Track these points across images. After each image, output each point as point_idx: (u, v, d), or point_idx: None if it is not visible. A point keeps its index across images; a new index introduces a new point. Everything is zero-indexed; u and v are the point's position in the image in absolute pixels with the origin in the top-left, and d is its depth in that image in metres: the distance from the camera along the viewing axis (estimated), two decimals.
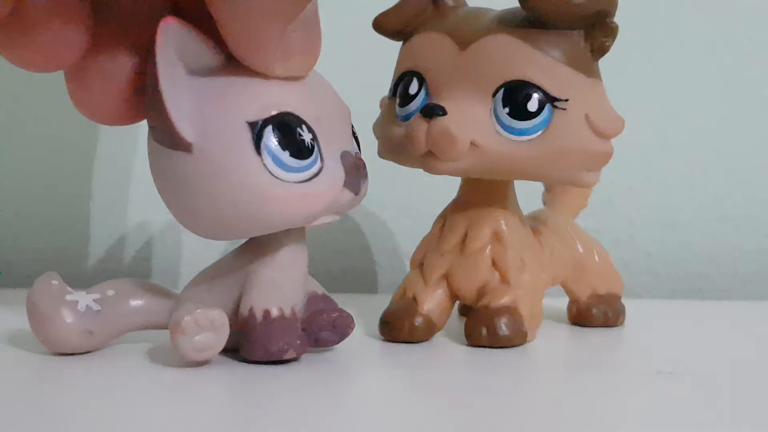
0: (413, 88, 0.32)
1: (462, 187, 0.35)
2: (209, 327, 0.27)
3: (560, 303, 0.39)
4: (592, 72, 0.31)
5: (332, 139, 0.28)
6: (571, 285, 0.38)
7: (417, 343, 0.33)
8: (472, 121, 0.31)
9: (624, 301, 0.39)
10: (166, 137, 0.26)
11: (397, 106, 0.33)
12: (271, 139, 0.26)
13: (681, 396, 0.27)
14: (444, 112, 0.30)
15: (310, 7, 0.26)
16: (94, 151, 0.49)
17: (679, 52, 0.52)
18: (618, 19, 0.31)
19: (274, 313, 0.28)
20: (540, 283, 0.34)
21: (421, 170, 0.32)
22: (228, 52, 0.27)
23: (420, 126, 0.31)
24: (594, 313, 0.37)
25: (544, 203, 0.41)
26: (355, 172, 0.28)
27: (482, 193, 0.33)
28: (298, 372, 0.28)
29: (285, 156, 0.26)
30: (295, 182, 0.27)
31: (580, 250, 0.37)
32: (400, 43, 0.34)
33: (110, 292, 0.30)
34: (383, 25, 0.34)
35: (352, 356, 0.31)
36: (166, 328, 0.29)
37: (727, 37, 0.52)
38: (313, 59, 0.28)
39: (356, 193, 0.28)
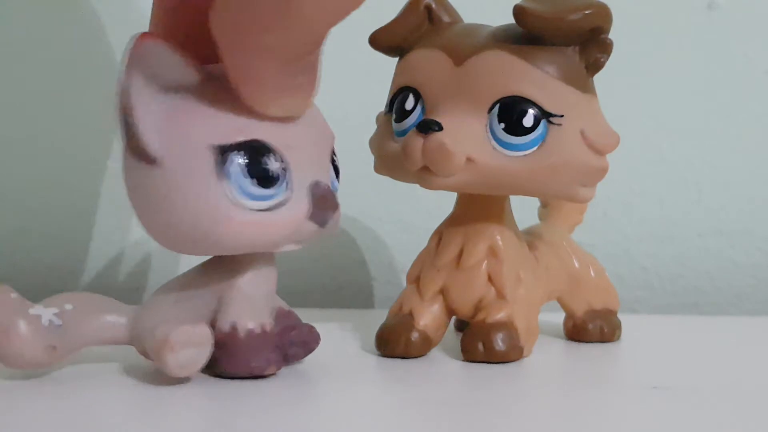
0: (409, 103, 0.32)
1: (458, 202, 0.35)
2: (195, 343, 0.27)
3: (556, 318, 0.39)
4: (587, 88, 0.32)
5: (304, 168, 0.28)
6: (567, 300, 0.38)
7: (413, 358, 0.33)
8: (468, 136, 0.31)
9: (620, 316, 0.39)
10: (134, 148, 0.26)
11: (393, 122, 0.33)
12: (235, 165, 0.26)
13: (677, 411, 0.27)
14: (440, 128, 0.30)
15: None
16: (94, 165, 0.49)
17: (674, 68, 0.52)
18: (613, 35, 0.31)
19: (256, 329, 0.28)
20: (536, 298, 0.34)
21: (418, 185, 0.32)
22: (210, 71, 0.27)
23: (416, 141, 0.31)
24: (590, 328, 0.37)
25: (540, 218, 0.41)
26: (322, 204, 0.28)
27: (478, 208, 0.34)
28: (295, 386, 0.28)
29: (247, 183, 0.26)
30: (256, 210, 0.26)
31: (576, 265, 0.38)
32: (396, 58, 0.34)
33: (68, 306, 0.29)
34: (380, 41, 0.34)
35: (348, 371, 0.31)
36: (122, 343, 0.29)
37: (722, 53, 0.52)
38: (310, 100, 0.28)
39: (321, 226, 0.28)
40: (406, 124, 0.32)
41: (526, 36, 0.31)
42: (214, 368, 0.29)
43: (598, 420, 0.26)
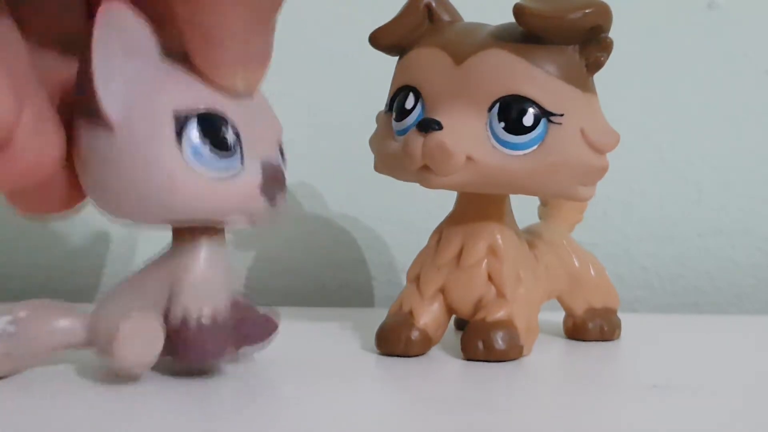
0: (409, 102, 0.32)
1: (458, 201, 0.35)
2: (146, 332, 0.27)
3: (556, 317, 0.39)
4: (587, 87, 0.32)
5: (257, 146, 0.28)
6: (567, 299, 0.38)
7: (413, 356, 0.33)
8: (468, 135, 0.31)
9: (620, 315, 0.39)
10: (92, 111, 0.26)
11: (393, 121, 0.33)
12: (193, 132, 0.26)
13: (677, 410, 0.27)
14: (440, 127, 0.30)
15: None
16: None
17: (674, 68, 0.52)
18: (613, 33, 0.31)
19: (207, 315, 0.28)
20: (536, 297, 0.34)
21: (418, 184, 0.32)
22: (173, 47, 0.27)
23: (416, 140, 0.31)
24: (590, 327, 0.37)
25: (540, 217, 0.41)
26: (273, 182, 0.28)
27: (478, 207, 0.34)
28: (295, 384, 0.28)
29: (205, 149, 0.27)
30: (210, 178, 0.27)
31: (576, 263, 0.38)
32: (396, 57, 0.34)
33: (22, 314, 0.28)
34: (380, 40, 0.34)
35: (348, 370, 0.31)
36: (80, 347, 0.29)
37: (722, 53, 0.52)
38: (264, 73, 0.28)
39: (271, 202, 0.28)
40: (406, 123, 0.32)
41: (526, 35, 0.31)
42: (174, 360, 0.28)
43: (597, 418, 0.26)
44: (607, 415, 0.27)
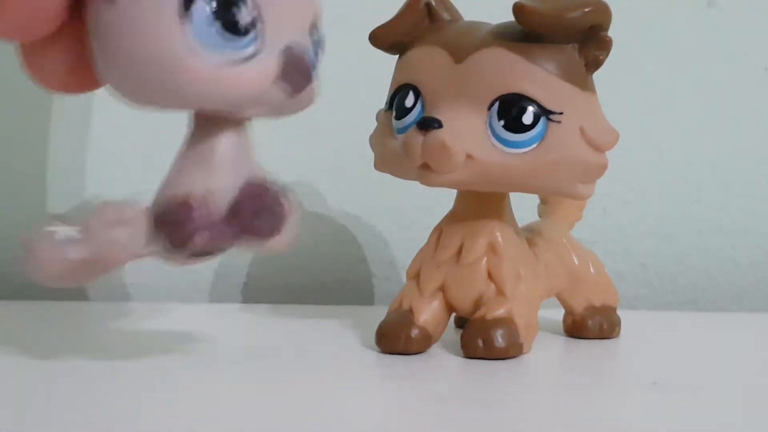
0: (409, 101, 0.33)
1: (458, 199, 0.35)
2: (121, 222, 0.25)
3: (556, 315, 0.39)
4: (587, 85, 0.32)
5: (281, 29, 0.26)
6: (567, 296, 0.38)
7: (413, 354, 0.33)
8: (468, 133, 0.31)
9: (619, 312, 0.39)
10: None
11: (393, 119, 0.33)
12: (201, 10, 0.24)
13: (677, 408, 0.27)
14: (440, 125, 0.31)
15: None
16: (97, 159, 0.49)
17: (674, 66, 0.52)
18: (612, 33, 0.31)
19: (186, 199, 0.26)
20: (535, 294, 0.35)
21: (418, 182, 0.32)
22: None
23: (416, 138, 0.31)
24: (589, 324, 0.38)
25: (540, 215, 0.41)
26: (293, 69, 0.26)
27: (478, 205, 0.34)
28: (295, 381, 0.28)
29: (212, 32, 0.24)
30: (218, 62, 0.24)
31: (576, 261, 0.38)
32: (397, 56, 0.34)
33: (89, 221, 0.26)
34: (380, 38, 0.34)
35: (348, 367, 0.31)
36: None
37: (722, 51, 0.52)
38: None
39: (292, 92, 0.26)
40: (406, 122, 0.33)
41: (526, 33, 0.31)
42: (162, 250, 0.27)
43: (597, 416, 0.26)
44: (607, 413, 0.27)
